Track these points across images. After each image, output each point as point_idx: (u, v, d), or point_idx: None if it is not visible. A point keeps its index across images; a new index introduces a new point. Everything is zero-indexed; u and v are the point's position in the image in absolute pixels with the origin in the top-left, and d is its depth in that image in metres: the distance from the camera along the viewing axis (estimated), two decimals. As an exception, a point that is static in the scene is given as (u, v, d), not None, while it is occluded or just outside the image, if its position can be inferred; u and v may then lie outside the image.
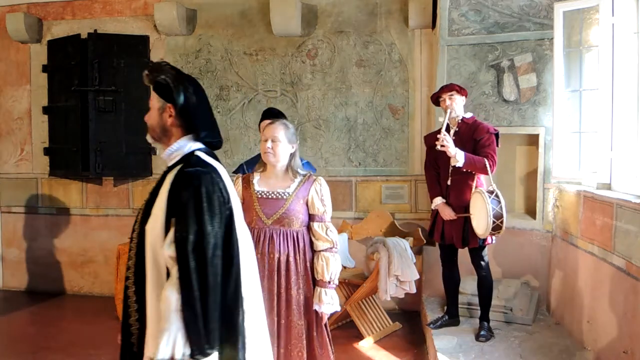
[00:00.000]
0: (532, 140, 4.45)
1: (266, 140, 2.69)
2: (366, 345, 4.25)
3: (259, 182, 2.76)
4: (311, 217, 2.74)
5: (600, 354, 3.28)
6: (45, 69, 5.58)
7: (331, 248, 2.71)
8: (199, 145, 1.87)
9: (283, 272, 2.70)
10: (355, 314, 4.40)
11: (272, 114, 3.61)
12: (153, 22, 5.37)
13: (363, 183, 5.24)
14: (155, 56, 5.44)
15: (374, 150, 5.19)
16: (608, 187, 3.57)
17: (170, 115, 1.84)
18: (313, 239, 2.74)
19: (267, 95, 5.34)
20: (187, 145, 1.86)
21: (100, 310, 5.08)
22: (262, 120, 3.70)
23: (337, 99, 5.22)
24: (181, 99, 1.80)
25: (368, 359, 4.06)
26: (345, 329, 4.57)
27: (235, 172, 3.74)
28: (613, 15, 3.54)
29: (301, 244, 2.73)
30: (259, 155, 3.05)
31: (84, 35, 5.29)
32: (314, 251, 2.76)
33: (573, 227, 3.83)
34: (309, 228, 2.75)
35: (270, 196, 2.72)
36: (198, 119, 1.86)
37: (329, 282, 2.69)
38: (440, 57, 4.60)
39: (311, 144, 5.27)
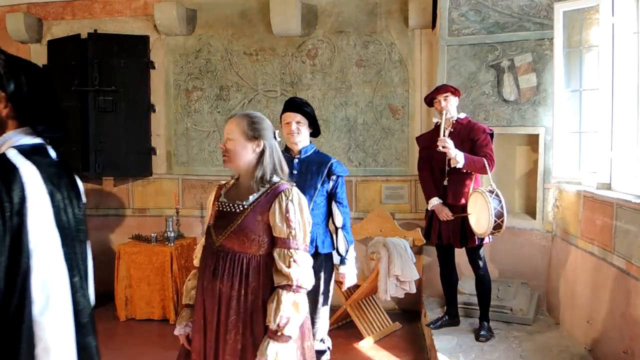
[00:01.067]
0: (532, 140, 4.45)
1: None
2: (366, 345, 4.25)
3: (225, 192, 2.22)
4: (274, 241, 2.07)
5: (600, 354, 3.28)
6: (45, 69, 5.59)
7: (289, 286, 2.00)
8: (30, 140, 1.68)
9: (224, 310, 2.05)
10: (355, 314, 4.40)
11: (294, 105, 3.08)
12: (153, 22, 5.37)
13: (363, 183, 5.24)
14: (156, 56, 5.45)
15: (374, 150, 5.19)
16: (608, 187, 3.57)
17: (5, 106, 1.66)
18: (273, 269, 2.07)
19: (267, 95, 5.34)
20: (13, 139, 1.67)
21: (99, 311, 5.07)
22: (282, 113, 3.17)
23: (337, 99, 5.22)
24: (11, 87, 1.63)
25: (368, 359, 4.07)
26: (345, 329, 4.57)
27: None
28: (613, 15, 3.54)
29: (251, 275, 2.05)
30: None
31: (84, 35, 5.29)
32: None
33: (573, 227, 3.83)
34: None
35: (227, 208, 2.14)
36: (32, 110, 1.67)
37: (277, 333, 1.96)
38: (440, 57, 4.60)
39: (311, 144, 5.27)
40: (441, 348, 3.59)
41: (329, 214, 3.18)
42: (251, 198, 2.12)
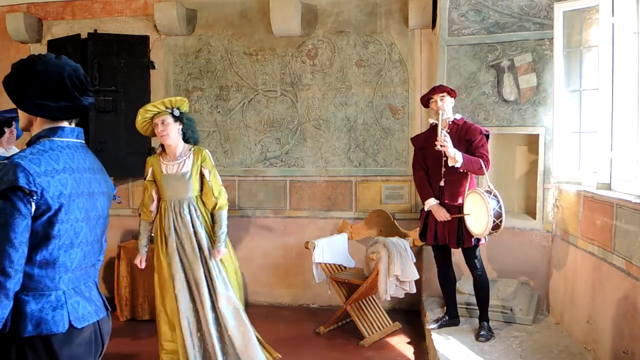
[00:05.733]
0: (532, 140, 4.45)
1: None
2: (366, 345, 4.25)
3: None
4: None
5: (600, 354, 3.28)
6: (45, 69, 5.58)
7: None
8: None
9: None
10: (355, 314, 4.40)
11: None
12: (153, 22, 5.37)
13: (363, 183, 5.23)
14: (155, 56, 5.45)
15: (374, 150, 5.19)
16: (608, 187, 3.57)
17: None
18: None
19: (267, 95, 5.34)
20: None
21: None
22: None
23: (337, 99, 5.22)
24: None
25: (368, 358, 4.07)
26: (345, 329, 4.57)
27: None
28: (613, 15, 3.54)
29: None
30: None
31: (84, 35, 5.29)
32: None
33: (573, 227, 3.84)
34: None
35: None
36: None
37: None
38: (440, 57, 4.60)
39: (311, 144, 5.28)
40: (441, 348, 3.59)
41: None
42: None
